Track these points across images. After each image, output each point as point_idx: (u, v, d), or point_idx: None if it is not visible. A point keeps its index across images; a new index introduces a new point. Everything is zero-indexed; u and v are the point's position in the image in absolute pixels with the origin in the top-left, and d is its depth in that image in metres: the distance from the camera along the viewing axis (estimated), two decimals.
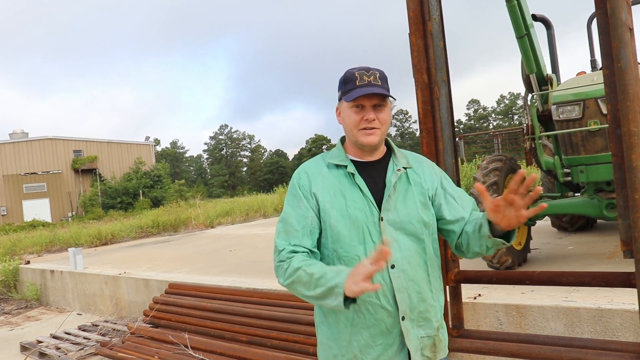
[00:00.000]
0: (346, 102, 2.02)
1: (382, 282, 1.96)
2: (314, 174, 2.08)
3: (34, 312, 10.42)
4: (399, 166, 2.09)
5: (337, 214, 1.99)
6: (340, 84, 2.09)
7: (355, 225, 1.98)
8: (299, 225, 2.00)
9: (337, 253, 2.00)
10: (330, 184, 2.04)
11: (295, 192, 2.07)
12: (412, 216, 2.03)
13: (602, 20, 2.87)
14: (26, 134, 50.74)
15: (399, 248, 1.99)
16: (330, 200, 2.01)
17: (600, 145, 5.39)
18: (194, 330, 6.35)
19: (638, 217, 2.77)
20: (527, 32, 5.42)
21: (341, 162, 2.07)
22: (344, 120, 2.07)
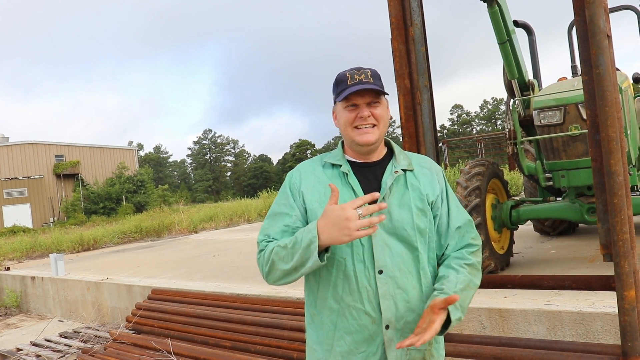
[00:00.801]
0: (339, 102, 1.99)
1: (367, 287, 1.89)
2: (307, 172, 2.04)
3: (14, 320, 10.28)
4: (397, 168, 2.01)
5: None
6: (333, 87, 2.05)
7: None
8: (282, 223, 1.97)
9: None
10: (322, 184, 1.99)
11: (285, 190, 2.04)
12: (406, 222, 1.94)
13: (581, 27, 2.91)
14: (6, 138, 50.15)
15: (390, 253, 1.91)
16: (319, 200, 1.96)
17: (581, 150, 5.45)
18: (177, 336, 6.31)
19: (617, 221, 2.81)
20: (508, 38, 5.48)
21: (337, 161, 2.02)
22: (339, 122, 2.03)
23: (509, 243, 6.30)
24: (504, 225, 6.16)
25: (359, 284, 1.89)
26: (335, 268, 1.91)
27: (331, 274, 1.92)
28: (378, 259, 1.90)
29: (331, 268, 1.92)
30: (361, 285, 1.89)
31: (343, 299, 1.91)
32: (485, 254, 5.56)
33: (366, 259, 1.90)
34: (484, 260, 5.58)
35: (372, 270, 1.90)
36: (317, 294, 1.98)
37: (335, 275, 1.92)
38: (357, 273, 1.89)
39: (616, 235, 2.83)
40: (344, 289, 1.91)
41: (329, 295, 1.94)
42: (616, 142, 2.77)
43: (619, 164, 2.77)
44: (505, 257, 6.08)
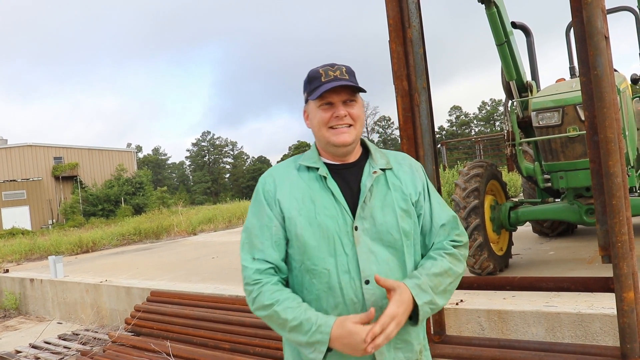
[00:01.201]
0: (312, 100, 1.86)
1: (354, 299, 1.76)
2: (281, 178, 1.89)
3: (13, 322, 10.26)
4: (375, 168, 1.88)
5: (304, 222, 1.80)
6: (304, 85, 1.93)
7: (325, 234, 1.78)
8: (262, 237, 1.83)
9: (305, 265, 1.80)
10: (298, 189, 1.85)
11: (259, 199, 1.89)
12: (391, 225, 1.82)
13: (579, 28, 2.92)
14: (5, 140, 50.11)
15: (376, 261, 1.78)
16: (298, 207, 1.82)
17: (579, 151, 5.45)
18: (176, 339, 6.30)
19: (615, 222, 2.81)
20: (506, 39, 5.49)
21: (313, 164, 1.88)
22: (312, 122, 1.90)
23: (508, 244, 6.31)
24: (502, 226, 6.16)
25: (345, 297, 1.76)
26: (318, 280, 1.78)
27: (314, 286, 1.79)
28: (364, 269, 1.77)
29: (314, 280, 1.79)
30: (347, 297, 1.76)
31: (328, 313, 1.76)
32: (484, 256, 5.56)
33: (351, 269, 1.77)
34: (483, 261, 5.58)
35: (358, 281, 1.76)
36: None
37: (319, 288, 1.78)
38: (343, 285, 1.76)
39: (615, 236, 2.83)
40: (328, 302, 1.77)
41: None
42: (614, 143, 2.77)
43: (617, 165, 2.78)
44: (504, 259, 6.08)
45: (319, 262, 1.78)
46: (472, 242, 5.53)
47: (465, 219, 5.55)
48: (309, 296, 1.79)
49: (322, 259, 1.78)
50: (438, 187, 3.64)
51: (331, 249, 1.78)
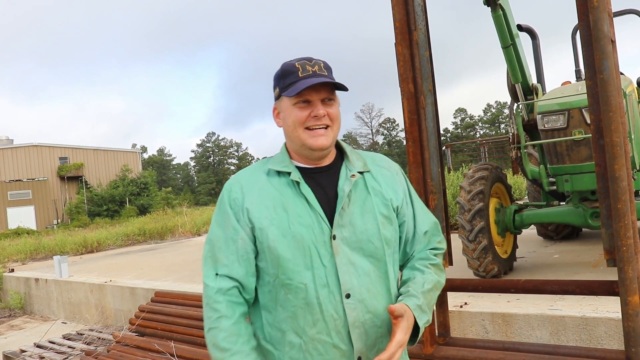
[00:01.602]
0: (288, 97, 1.67)
1: (334, 315, 1.61)
2: (249, 184, 1.71)
3: (18, 321, 10.30)
4: (353, 171, 1.73)
5: (277, 233, 1.63)
6: (276, 79, 1.74)
7: (300, 245, 1.62)
8: (227, 250, 1.68)
9: (279, 280, 1.64)
10: (269, 196, 1.68)
11: (224, 208, 1.71)
12: (372, 233, 1.68)
13: (585, 32, 2.92)
14: (11, 140, 50.31)
15: (356, 273, 1.64)
16: (269, 216, 1.65)
17: (584, 154, 5.44)
18: (180, 339, 6.31)
19: (621, 226, 2.81)
20: (512, 42, 5.48)
21: (284, 168, 1.71)
22: (285, 121, 1.71)
23: (512, 247, 6.30)
24: (507, 229, 6.16)
25: (324, 313, 1.61)
26: (294, 295, 1.62)
27: (289, 302, 1.62)
28: (344, 281, 1.62)
29: (289, 295, 1.62)
30: (327, 314, 1.61)
31: (306, 331, 1.62)
32: (489, 258, 5.55)
33: (330, 283, 1.62)
34: (487, 264, 5.57)
35: (338, 295, 1.62)
36: (271, 326, 1.67)
37: (295, 304, 1.62)
38: (321, 300, 1.61)
39: (620, 240, 2.83)
40: (306, 319, 1.62)
41: (287, 328, 1.63)
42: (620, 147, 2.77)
43: (623, 169, 2.78)
44: (509, 262, 6.07)
45: (295, 276, 1.62)
46: (476, 245, 5.52)
47: (469, 221, 5.54)
48: (283, 313, 1.64)
49: (297, 272, 1.62)
50: (443, 189, 3.65)
51: (307, 261, 1.62)
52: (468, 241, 5.56)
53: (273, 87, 1.76)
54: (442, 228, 3.63)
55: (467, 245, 5.59)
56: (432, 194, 3.58)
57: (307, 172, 1.73)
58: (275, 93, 1.75)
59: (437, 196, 3.58)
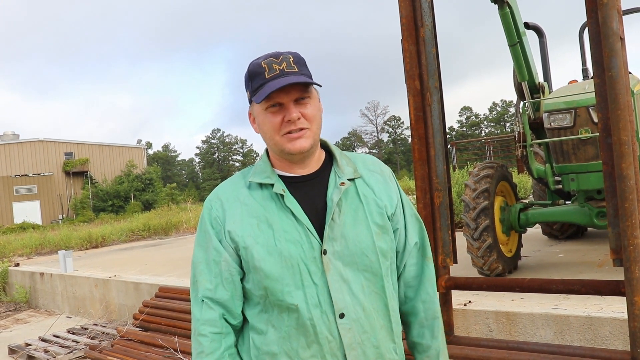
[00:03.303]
0: (257, 103, 1.55)
1: (329, 337, 1.51)
2: (229, 200, 1.59)
3: (23, 315, 10.34)
4: (342, 178, 1.60)
5: (262, 251, 1.52)
6: (245, 82, 1.61)
7: (289, 263, 1.51)
8: (210, 274, 1.57)
9: (269, 300, 1.53)
10: (252, 212, 1.56)
11: (205, 229, 1.60)
12: (366, 245, 1.56)
13: (594, 29, 2.89)
14: (17, 135, 50.51)
15: (349, 290, 1.53)
16: (253, 234, 1.53)
17: (591, 153, 5.42)
18: (184, 334, 6.32)
19: (628, 225, 2.79)
20: (519, 40, 5.46)
21: (265, 179, 1.58)
22: (261, 128, 1.59)
23: (517, 246, 6.28)
24: (512, 228, 6.14)
25: (319, 335, 1.50)
26: (288, 315, 1.52)
27: (283, 322, 1.52)
28: (336, 300, 1.51)
29: (283, 314, 1.52)
30: (321, 336, 1.50)
31: (299, 354, 1.52)
32: (493, 257, 5.53)
33: (322, 302, 1.51)
34: (492, 263, 5.56)
35: (331, 315, 1.51)
36: (259, 349, 1.56)
37: (288, 324, 1.52)
38: (315, 321, 1.51)
39: (627, 239, 2.81)
40: (299, 341, 1.52)
41: (279, 351, 1.53)
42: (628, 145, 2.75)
43: (630, 168, 2.76)
44: (513, 260, 6.05)
45: (285, 297, 1.51)
46: (481, 243, 5.51)
47: (474, 219, 5.53)
48: (275, 335, 1.53)
49: (287, 292, 1.51)
50: (448, 187, 3.63)
51: (297, 280, 1.51)
52: (473, 239, 5.55)
53: (246, 91, 1.63)
54: (447, 226, 3.62)
55: (472, 244, 5.57)
56: (437, 191, 3.56)
57: (292, 181, 1.60)
58: (249, 97, 1.62)
59: (442, 194, 3.57)
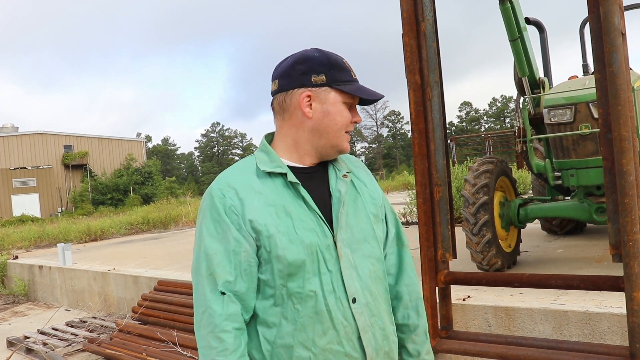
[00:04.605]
0: (341, 92, 1.59)
1: (344, 322, 1.54)
2: (243, 189, 1.55)
3: (22, 308, 10.35)
4: (343, 171, 1.66)
5: (285, 240, 1.51)
6: (322, 66, 1.60)
7: (309, 251, 1.53)
8: (229, 266, 1.51)
9: (287, 289, 1.52)
10: (268, 200, 1.54)
11: (219, 218, 1.53)
12: (367, 232, 1.64)
13: (595, 24, 2.89)
14: (16, 128, 50.43)
15: (358, 276, 1.58)
16: (275, 223, 1.52)
17: (591, 149, 5.41)
18: (183, 328, 6.33)
19: (627, 221, 2.79)
20: (520, 35, 5.44)
21: (276, 168, 1.58)
22: (330, 117, 1.60)
23: (516, 241, 6.28)
24: (511, 223, 6.14)
25: (334, 321, 1.53)
26: (304, 305, 1.52)
27: (298, 313, 1.52)
28: (349, 286, 1.56)
29: (298, 306, 1.52)
30: (337, 321, 1.53)
31: (315, 343, 1.52)
32: (492, 252, 5.54)
33: (336, 288, 1.55)
34: (491, 258, 5.56)
35: (345, 301, 1.55)
36: (271, 343, 1.54)
37: (304, 314, 1.52)
38: (330, 307, 1.53)
39: (626, 235, 2.81)
40: (315, 330, 1.52)
41: (294, 342, 1.52)
42: (628, 141, 2.75)
43: (630, 164, 2.76)
44: (512, 256, 6.05)
45: (305, 284, 1.52)
46: (480, 238, 5.51)
47: (474, 214, 5.53)
48: (289, 327, 1.52)
49: (307, 279, 1.52)
50: (448, 182, 3.63)
51: (315, 267, 1.53)
52: (472, 234, 5.55)
53: (307, 71, 1.59)
54: (447, 221, 3.62)
55: (471, 239, 5.57)
56: (437, 186, 3.56)
57: (298, 171, 1.62)
58: (316, 80, 1.59)
59: (442, 188, 3.57)
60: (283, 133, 1.65)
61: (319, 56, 1.60)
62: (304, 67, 1.59)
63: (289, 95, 1.60)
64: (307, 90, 1.58)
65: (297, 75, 1.59)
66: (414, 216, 11.71)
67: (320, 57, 1.60)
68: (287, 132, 1.64)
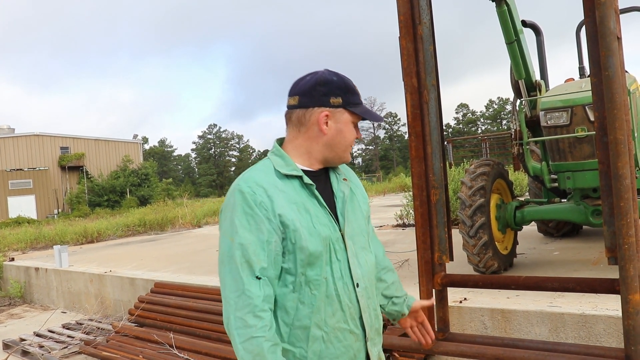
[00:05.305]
0: (354, 114, 1.86)
1: (349, 304, 1.81)
2: (270, 188, 1.76)
3: (18, 310, 10.32)
4: (342, 175, 1.97)
5: (306, 233, 1.75)
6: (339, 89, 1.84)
7: (324, 243, 1.78)
8: (262, 254, 1.71)
9: (306, 277, 1.75)
10: (290, 198, 1.78)
11: (252, 212, 1.72)
12: (362, 228, 1.95)
13: (591, 28, 2.90)
14: (12, 129, 50.30)
15: (359, 264, 1.86)
16: (298, 218, 1.75)
17: (587, 152, 5.43)
18: (180, 330, 6.32)
19: (623, 224, 2.80)
20: (516, 37, 5.46)
21: (293, 171, 1.81)
22: (342, 135, 1.86)
23: (513, 244, 6.29)
24: (508, 225, 6.15)
25: (342, 303, 1.79)
26: (318, 290, 1.76)
27: (314, 298, 1.75)
28: (354, 272, 1.83)
29: (314, 291, 1.76)
30: (344, 303, 1.79)
31: (327, 322, 1.77)
32: (489, 254, 5.55)
33: (344, 275, 1.81)
34: (487, 260, 5.57)
35: (350, 286, 1.82)
36: (289, 326, 1.76)
37: (318, 298, 1.76)
38: (339, 291, 1.79)
39: (622, 238, 2.82)
40: (326, 311, 1.77)
41: (310, 324, 1.75)
42: (624, 145, 2.76)
43: (626, 167, 2.77)
44: (509, 258, 6.07)
45: (320, 272, 1.77)
46: (477, 241, 5.52)
47: (470, 217, 5.54)
48: (305, 310, 1.75)
49: (321, 267, 1.77)
50: (445, 184, 3.64)
51: (328, 257, 1.79)
52: (468, 237, 5.56)
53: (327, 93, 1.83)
54: (443, 223, 3.63)
55: (468, 241, 5.59)
56: (434, 188, 3.57)
57: (307, 174, 1.85)
58: (334, 101, 1.83)
59: (439, 191, 3.58)
60: (297, 143, 1.88)
61: (337, 80, 1.85)
62: (324, 89, 1.83)
63: (308, 112, 1.84)
64: (326, 110, 1.83)
65: (318, 95, 1.83)
66: (411, 218, 11.71)
67: (338, 82, 1.85)
68: (301, 142, 1.87)
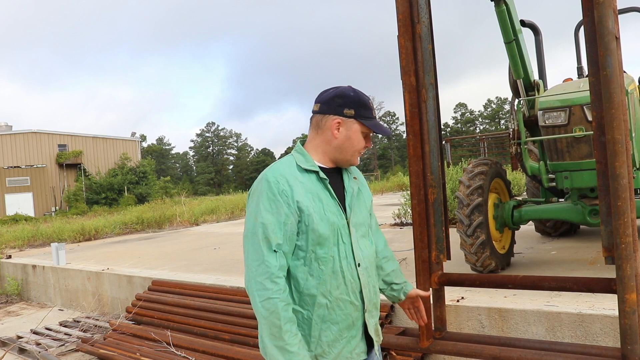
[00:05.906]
0: (363, 125, 2.21)
1: (351, 280, 2.18)
2: (291, 179, 2.13)
3: (15, 307, 10.31)
4: (352, 175, 2.34)
5: (317, 218, 2.11)
6: (353, 102, 2.19)
7: (333, 227, 2.14)
8: (279, 232, 2.06)
9: (315, 254, 2.12)
10: (307, 189, 2.14)
11: (274, 198, 2.09)
12: (365, 219, 2.32)
13: (589, 28, 2.90)
14: (10, 126, 50.17)
15: (360, 248, 2.23)
16: (312, 205, 2.11)
17: (585, 151, 5.44)
18: (177, 328, 6.33)
19: (620, 223, 2.81)
20: (515, 37, 5.46)
21: (312, 167, 2.19)
22: (349, 139, 2.21)
23: (510, 243, 6.30)
24: (505, 225, 6.16)
25: (345, 279, 2.16)
26: (325, 266, 2.13)
27: (322, 272, 2.12)
28: (357, 254, 2.20)
29: (322, 267, 2.13)
30: (347, 279, 2.16)
31: (331, 293, 2.13)
32: (486, 253, 5.56)
33: (348, 256, 2.18)
34: (485, 259, 5.58)
35: (353, 265, 2.19)
36: (300, 292, 2.14)
37: (325, 272, 2.13)
38: (344, 269, 2.15)
39: (619, 237, 2.83)
40: (332, 284, 2.13)
41: (317, 293, 2.12)
42: (622, 144, 2.76)
43: (623, 167, 2.77)
44: (506, 257, 6.07)
45: (328, 251, 2.13)
46: (474, 240, 5.53)
47: (468, 216, 5.54)
48: (314, 281, 2.12)
49: (329, 247, 2.13)
50: (442, 183, 3.64)
51: (335, 239, 2.15)
52: (466, 236, 5.57)
53: (342, 105, 2.19)
54: (441, 222, 3.63)
55: (465, 240, 5.59)
56: (431, 187, 3.57)
57: (322, 170, 2.22)
58: (347, 112, 2.20)
59: (437, 190, 3.58)
60: (315, 143, 2.26)
61: (353, 95, 2.21)
62: (340, 101, 2.20)
63: (325, 118, 2.22)
64: (339, 118, 2.21)
65: (334, 105, 2.21)
66: (409, 217, 11.72)
67: (354, 97, 2.21)
68: (318, 143, 2.26)
